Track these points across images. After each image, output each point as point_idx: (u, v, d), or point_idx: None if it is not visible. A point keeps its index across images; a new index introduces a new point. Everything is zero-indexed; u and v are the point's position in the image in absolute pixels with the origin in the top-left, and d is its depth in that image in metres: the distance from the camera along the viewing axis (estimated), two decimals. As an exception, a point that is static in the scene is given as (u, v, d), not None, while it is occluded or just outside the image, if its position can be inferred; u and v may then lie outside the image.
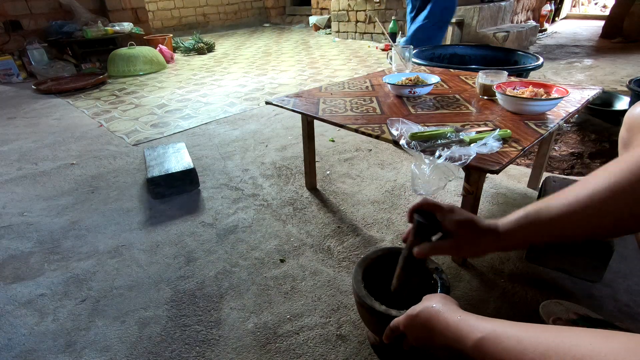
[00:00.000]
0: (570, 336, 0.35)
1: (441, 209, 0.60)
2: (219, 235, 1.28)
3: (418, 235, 0.63)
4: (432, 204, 0.62)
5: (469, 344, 0.43)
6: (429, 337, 0.52)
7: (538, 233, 0.52)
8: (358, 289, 0.73)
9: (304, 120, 1.37)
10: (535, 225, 0.51)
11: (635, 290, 0.98)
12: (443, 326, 0.49)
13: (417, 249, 0.61)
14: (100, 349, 0.89)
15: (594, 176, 0.47)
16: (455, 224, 0.58)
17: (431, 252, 0.61)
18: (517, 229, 0.53)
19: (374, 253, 0.83)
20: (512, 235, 0.54)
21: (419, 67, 1.74)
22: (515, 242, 0.54)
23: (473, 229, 0.57)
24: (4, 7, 3.73)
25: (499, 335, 0.41)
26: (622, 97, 2.11)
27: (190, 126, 2.30)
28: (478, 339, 0.42)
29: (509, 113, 1.07)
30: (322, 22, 6.01)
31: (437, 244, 0.61)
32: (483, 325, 0.43)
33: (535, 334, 0.37)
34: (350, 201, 1.43)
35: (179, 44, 4.94)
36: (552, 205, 0.50)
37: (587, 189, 0.46)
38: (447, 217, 0.59)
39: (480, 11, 3.73)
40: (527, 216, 0.52)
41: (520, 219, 0.53)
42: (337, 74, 3.37)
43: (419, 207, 0.63)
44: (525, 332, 0.39)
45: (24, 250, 1.26)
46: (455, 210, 0.59)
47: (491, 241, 0.56)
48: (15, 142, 2.18)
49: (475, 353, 0.43)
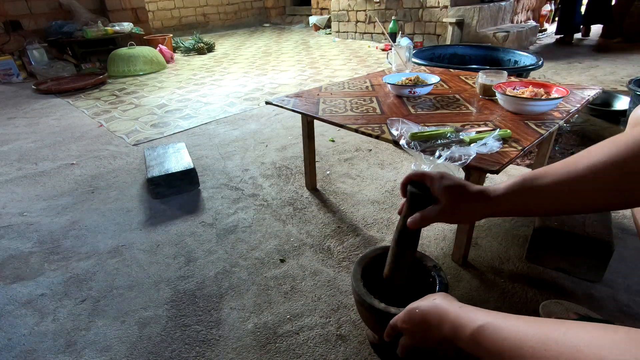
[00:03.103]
0: (571, 327, 0.34)
1: (431, 177, 0.59)
2: (219, 235, 1.28)
3: (412, 206, 0.63)
4: (421, 174, 0.61)
5: (467, 332, 0.43)
6: (426, 331, 0.51)
7: (532, 201, 0.51)
8: (357, 287, 0.73)
9: (304, 120, 1.37)
10: (530, 192, 0.50)
11: (635, 290, 0.98)
12: (442, 316, 0.48)
13: (410, 219, 0.61)
14: (100, 349, 0.89)
15: (594, 148, 0.47)
16: (444, 189, 0.57)
17: (422, 221, 0.60)
18: (510, 194, 0.52)
19: (373, 252, 0.83)
20: (504, 201, 0.53)
21: (419, 67, 1.74)
22: (507, 207, 0.53)
23: (462, 194, 0.56)
24: (4, 7, 3.73)
25: (499, 324, 0.40)
26: (622, 97, 2.11)
27: (190, 126, 2.30)
28: (477, 327, 0.42)
29: (509, 113, 1.07)
30: (322, 22, 6.01)
31: (426, 211, 0.59)
32: (483, 315, 0.43)
33: (536, 324, 0.37)
34: (350, 201, 1.43)
35: (179, 44, 4.94)
36: (550, 173, 0.49)
37: (586, 159, 0.46)
38: (436, 184, 0.58)
39: (480, 11, 3.73)
40: (523, 182, 0.51)
41: (514, 184, 0.52)
42: (337, 74, 3.37)
43: (409, 179, 0.62)
44: (525, 322, 0.38)
45: (24, 250, 1.26)
46: (444, 177, 0.58)
47: (481, 206, 0.55)
48: (15, 142, 2.18)
49: (471, 342, 0.42)
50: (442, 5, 4.05)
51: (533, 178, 0.50)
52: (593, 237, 0.96)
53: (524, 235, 1.20)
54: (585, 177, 0.45)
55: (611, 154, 0.44)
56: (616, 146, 0.44)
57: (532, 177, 0.51)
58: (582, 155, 0.47)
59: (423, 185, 0.61)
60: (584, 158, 0.46)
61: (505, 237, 1.20)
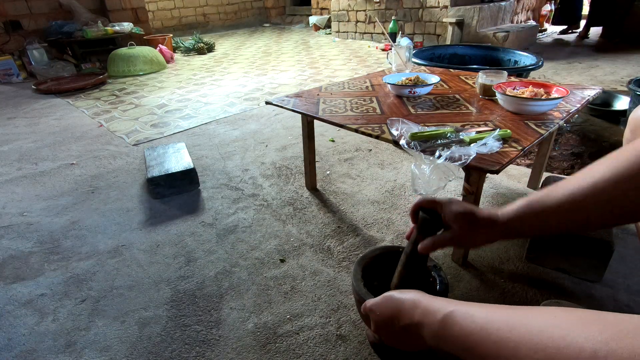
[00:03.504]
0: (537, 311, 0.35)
1: (441, 204, 0.61)
2: (219, 235, 1.28)
3: (422, 232, 0.64)
4: (431, 201, 0.62)
5: (438, 316, 0.43)
6: (393, 318, 0.50)
7: (539, 222, 0.51)
8: (357, 287, 0.73)
9: (304, 120, 1.37)
10: (536, 215, 0.51)
11: (635, 290, 0.98)
12: (416, 302, 0.48)
13: (421, 245, 0.62)
14: (100, 349, 0.89)
15: (596, 165, 0.47)
16: (454, 216, 0.58)
17: (434, 246, 0.61)
18: (517, 218, 0.53)
19: (373, 251, 0.83)
20: (513, 225, 0.54)
21: (419, 67, 1.74)
22: (516, 232, 0.54)
23: (472, 220, 0.57)
24: (4, 7, 3.73)
25: (468, 310, 0.41)
26: (622, 97, 2.11)
27: (190, 126, 2.30)
28: (448, 312, 0.42)
29: (509, 113, 1.07)
30: (322, 22, 6.01)
31: (438, 237, 0.61)
32: (455, 303, 0.44)
33: (504, 310, 0.38)
34: (350, 201, 1.43)
35: (179, 44, 4.94)
36: (554, 195, 0.49)
37: (589, 178, 0.46)
38: (447, 210, 0.59)
39: (480, 11, 3.73)
40: (529, 205, 0.52)
41: (520, 208, 0.53)
42: (337, 74, 3.37)
43: (419, 205, 0.64)
44: (494, 308, 0.39)
45: (24, 250, 1.26)
46: (454, 203, 0.60)
47: (491, 231, 0.56)
48: (15, 142, 2.18)
49: (440, 329, 0.43)
50: (442, 5, 4.05)
51: (538, 201, 0.51)
52: (593, 237, 0.96)
53: (524, 235, 1.20)
54: (589, 196, 0.46)
55: (613, 171, 0.44)
56: (619, 161, 0.44)
57: (537, 200, 0.51)
58: (584, 174, 0.48)
59: (434, 212, 0.62)
60: (586, 177, 0.47)
61: (505, 237, 1.20)
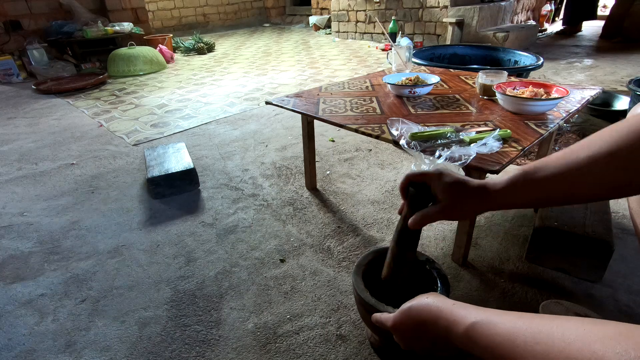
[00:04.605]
0: (562, 321, 0.35)
1: (430, 176, 0.59)
2: (219, 235, 1.28)
3: (412, 207, 0.63)
4: (420, 174, 0.61)
5: (461, 329, 0.43)
6: (421, 331, 0.50)
7: (533, 191, 0.51)
8: (358, 287, 0.73)
9: (304, 120, 1.37)
10: (531, 184, 0.51)
11: (635, 290, 0.98)
12: (437, 314, 0.48)
13: (411, 220, 0.60)
14: (100, 349, 0.89)
15: (593, 136, 0.47)
16: (443, 187, 0.57)
17: (423, 220, 0.59)
18: (510, 187, 0.52)
19: (373, 252, 0.83)
20: (506, 194, 0.53)
21: (419, 67, 1.74)
22: (508, 200, 0.54)
23: (462, 190, 0.56)
24: (4, 7, 3.73)
25: (491, 320, 0.41)
26: (622, 97, 2.11)
27: (190, 126, 2.30)
28: (470, 324, 0.42)
29: (509, 113, 1.07)
30: (322, 22, 6.01)
31: (426, 211, 0.59)
32: (476, 312, 0.43)
33: (528, 319, 0.38)
34: (350, 201, 1.43)
35: (179, 44, 4.94)
36: (550, 164, 0.49)
37: (587, 150, 0.46)
38: (436, 183, 0.58)
39: (480, 11, 3.73)
40: (524, 174, 0.51)
41: (515, 178, 0.52)
42: (337, 74, 3.37)
43: (409, 180, 0.62)
44: (517, 317, 0.39)
45: (24, 250, 1.26)
46: (444, 175, 0.58)
47: (482, 201, 0.55)
48: (15, 142, 2.18)
49: (465, 339, 0.42)
50: (442, 5, 4.05)
51: (534, 171, 0.50)
52: (593, 237, 0.96)
53: (524, 235, 1.20)
54: (585, 168, 0.45)
55: (611, 144, 0.44)
56: (618, 134, 0.44)
57: (533, 169, 0.51)
58: (581, 145, 0.47)
59: (423, 185, 0.61)
60: (583, 148, 0.46)
61: (505, 237, 1.20)
